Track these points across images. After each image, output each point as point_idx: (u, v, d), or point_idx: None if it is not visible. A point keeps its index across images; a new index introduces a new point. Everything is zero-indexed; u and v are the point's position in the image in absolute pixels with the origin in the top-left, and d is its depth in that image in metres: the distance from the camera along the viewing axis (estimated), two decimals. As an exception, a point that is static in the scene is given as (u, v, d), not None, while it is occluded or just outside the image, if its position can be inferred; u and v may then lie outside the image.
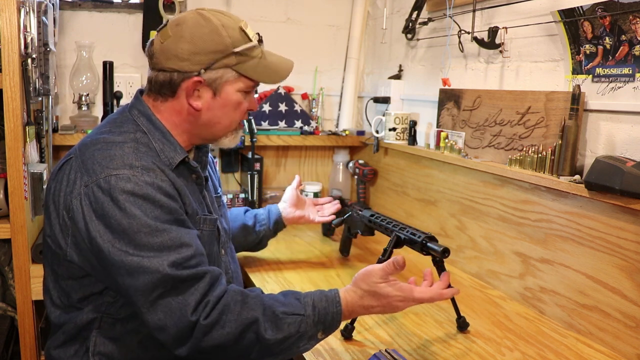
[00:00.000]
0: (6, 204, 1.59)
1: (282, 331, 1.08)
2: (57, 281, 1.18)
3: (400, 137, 2.13)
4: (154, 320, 1.04)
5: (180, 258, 1.05)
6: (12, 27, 1.48)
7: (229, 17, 1.21)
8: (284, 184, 2.55)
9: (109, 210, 1.05)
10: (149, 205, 1.06)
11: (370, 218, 1.61)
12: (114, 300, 1.14)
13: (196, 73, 1.17)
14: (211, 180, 1.41)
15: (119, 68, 2.19)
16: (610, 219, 1.28)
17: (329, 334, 1.15)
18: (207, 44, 1.16)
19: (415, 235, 1.34)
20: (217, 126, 1.25)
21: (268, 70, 1.25)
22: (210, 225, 1.26)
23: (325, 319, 1.11)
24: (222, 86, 1.20)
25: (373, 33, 2.53)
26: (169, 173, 1.14)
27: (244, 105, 1.26)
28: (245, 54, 1.20)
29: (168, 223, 1.07)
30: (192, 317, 1.03)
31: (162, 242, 1.05)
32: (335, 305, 1.13)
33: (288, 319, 1.09)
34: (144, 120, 1.20)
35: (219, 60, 1.17)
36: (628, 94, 1.28)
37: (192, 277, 1.05)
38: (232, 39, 1.18)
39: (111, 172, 1.07)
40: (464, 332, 1.36)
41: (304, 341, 1.10)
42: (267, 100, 2.45)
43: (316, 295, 1.14)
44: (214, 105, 1.21)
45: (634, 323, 1.23)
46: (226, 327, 1.05)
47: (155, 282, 1.02)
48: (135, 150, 1.12)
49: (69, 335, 1.17)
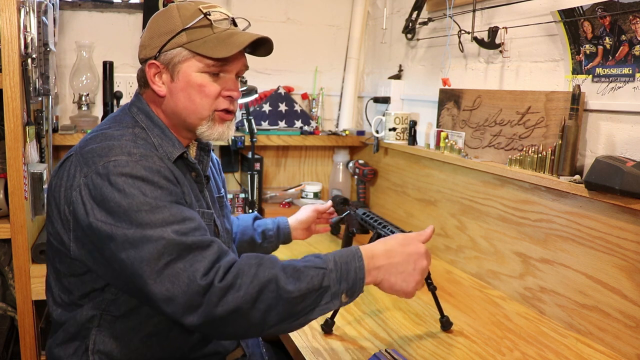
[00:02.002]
0: (6, 204, 1.59)
1: (305, 282, 1.01)
2: (59, 279, 1.17)
3: (400, 137, 2.13)
4: (161, 291, 0.99)
5: (184, 228, 1.03)
6: (12, 27, 1.48)
7: (195, 3, 1.18)
8: (284, 184, 2.56)
9: (107, 194, 1.03)
10: (149, 186, 1.05)
11: (362, 216, 1.62)
12: (115, 297, 1.14)
13: (152, 58, 1.17)
14: (214, 181, 1.40)
15: (119, 68, 2.19)
16: (610, 219, 1.28)
17: (353, 297, 1.07)
18: (160, 27, 1.17)
19: (393, 232, 1.38)
20: (184, 112, 1.19)
21: (220, 43, 1.16)
22: (208, 220, 1.25)
23: (347, 274, 1.05)
24: (178, 67, 1.16)
25: (373, 33, 2.53)
26: (167, 163, 1.14)
27: (211, 88, 1.18)
28: (198, 28, 1.15)
29: (169, 202, 1.05)
30: (202, 281, 0.98)
31: (164, 218, 1.02)
32: (357, 259, 1.07)
33: (310, 271, 1.03)
34: (143, 117, 1.20)
35: (170, 41, 1.15)
36: (628, 94, 1.28)
37: (198, 244, 1.02)
38: (183, 18, 1.15)
39: (109, 159, 1.06)
40: (448, 331, 1.35)
41: (327, 297, 1.03)
42: (267, 100, 2.45)
43: (336, 252, 1.09)
44: (174, 89, 1.18)
45: (634, 323, 1.23)
46: (242, 289, 0.99)
47: (160, 249, 0.99)
48: (134, 142, 1.12)
49: (69, 334, 1.17)
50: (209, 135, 1.22)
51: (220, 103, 1.20)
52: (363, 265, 1.06)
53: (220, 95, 1.20)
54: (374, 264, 1.08)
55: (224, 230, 1.35)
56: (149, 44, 1.18)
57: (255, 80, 2.25)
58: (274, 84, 2.50)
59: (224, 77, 1.20)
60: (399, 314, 1.44)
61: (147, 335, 1.15)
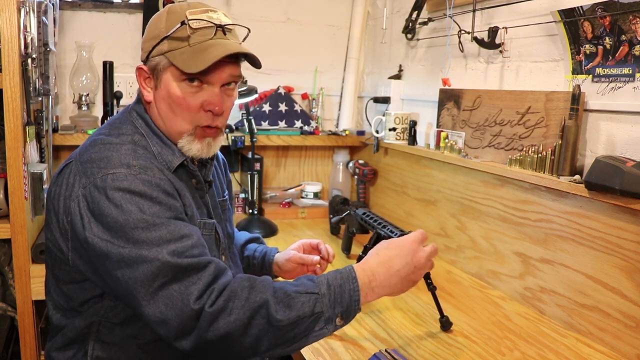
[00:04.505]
0: (6, 204, 1.59)
1: (295, 310, 0.99)
2: (58, 285, 1.16)
3: (400, 137, 2.13)
4: (154, 314, 0.98)
5: (180, 247, 1.01)
6: (12, 27, 1.48)
7: (188, 5, 1.13)
8: (284, 184, 2.56)
9: (104, 208, 1.02)
10: (147, 202, 1.03)
11: (362, 216, 1.62)
12: (114, 304, 1.12)
13: (143, 62, 1.16)
14: (218, 182, 1.38)
15: (119, 68, 2.19)
16: (610, 219, 1.28)
17: (348, 320, 1.05)
18: (151, 30, 1.14)
19: (393, 232, 1.39)
20: (167, 122, 1.15)
21: (193, 56, 1.08)
22: (209, 230, 1.22)
23: (342, 298, 1.02)
24: (160, 75, 1.13)
25: (373, 33, 2.53)
26: (167, 173, 1.12)
27: (191, 101, 1.11)
28: (176, 38, 1.10)
29: (167, 218, 1.03)
30: (195, 305, 0.97)
31: (161, 236, 1.01)
32: (351, 281, 1.04)
33: (301, 297, 1.00)
34: (142, 123, 1.18)
35: (155, 47, 1.12)
36: (628, 94, 1.28)
37: (194, 266, 1.00)
38: (168, 23, 1.10)
39: (108, 172, 1.04)
40: (448, 331, 1.35)
41: (320, 323, 1.01)
42: (267, 100, 2.45)
43: (330, 274, 1.06)
44: (157, 96, 1.15)
45: (634, 323, 1.23)
46: (233, 313, 0.98)
47: (155, 270, 0.98)
48: (133, 152, 1.10)
49: (68, 338, 1.16)
50: (187, 150, 1.16)
51: (201, 117, 1.14)
52: (357, 287, 1.05)
53: (202, 108, 1.13)
54: (370, 285, 1.07)
55: (225, 236, 1.33)
56: (143, 47, 1.17)
57: (255, 80, 2.25)
58: (274, 84, 2.50)
59: (207, 89, 1.13)
60: (399, 314, 1.44)
61: (145, 342, 1.14)
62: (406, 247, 1.12)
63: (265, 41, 2.46)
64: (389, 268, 1.09)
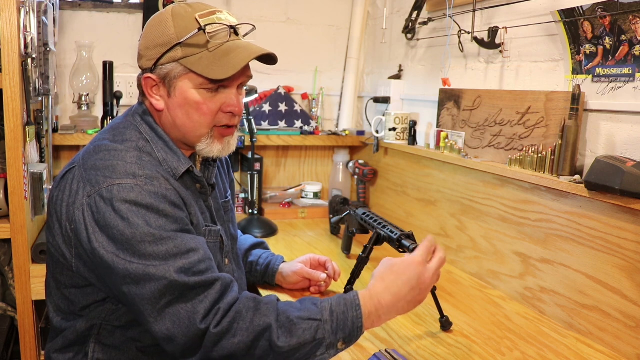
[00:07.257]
0: (6, 204, 1.59)
1: (297, 337, 1.00)
2: (60, 289, 1.16)
3: (400, 137, 2.13)
4: (161, 331, 0.99)
5: (187, 263, 1.01)
6: (12, 27, 1.48)
7: (192, 8, 1.10)
8: (284, 184, 2.56)
9: (111, 220, 1.01)
10: (153, 215, 1.02)
11: (362, 216, 1.62)
12: (116, 308, 1.12)
13: (148, 70, 1.13)
14: (221, 183, 1.37)
15: (119, 68, 2.19)
16: (610, 219, 1.28)
17: (350, 344, 1.05)
18: (154, 37, 1.11)
19: (392, 233, 1.39)
20: (183, 129, 1.15)
21: (216, 62, 1.08)
22: (214, 237, 1.22)
23: (344, 325, 1.03)
24: (174, 83, 1.11)
25: (373, 33, 2.53)
26: (173, 182, 1.11)
27: (210, 106, 1.12)
28: (191, 44, 1.08)
29: (173, 232, 1.03)
30: (202, 324, 0.98)
31: (168, 250, 1.00)
32: (354, 308, 1.04)
33: (303, 324, 1.01)
34: (147, 128, 1.16)
35: (165, 54, 1.09)
36: (628, 94, 1.28)
37: (202, 284, 1.00)
38: (178, 29, 1.08)
39: (114, 182, 1.03)
40: (448, 331, 1.35)
41: (322, 349, 1.02)
42: (267, 100, 2.45)
43: (334, 299, 1.06)
44: (171, 105, 1.13)
45: (634, 323, 1.23)
46: (237, 335, 0.99)
47: (162, 289, 0.98)
48: (139, 159, 1.08)
49: (68, 340, 1.15)
50: (208, 152, 1.18)
51: (220, 118, 1.15)
52: (361, 314, 1.05)
53: (221, 110, 1.14)
54: (377, 313, 1.07)
55: (229, 238, 1.33)
56: (145, 54, 1.14)
57: (255, 80, 2.24)
58: (274, 84, 2.50)
59: (224, 92, 1.14)
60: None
61: (146, 345, 1.14)
62: (411, 271, 1.09)
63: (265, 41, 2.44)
64: (395, 294, 1.08)
